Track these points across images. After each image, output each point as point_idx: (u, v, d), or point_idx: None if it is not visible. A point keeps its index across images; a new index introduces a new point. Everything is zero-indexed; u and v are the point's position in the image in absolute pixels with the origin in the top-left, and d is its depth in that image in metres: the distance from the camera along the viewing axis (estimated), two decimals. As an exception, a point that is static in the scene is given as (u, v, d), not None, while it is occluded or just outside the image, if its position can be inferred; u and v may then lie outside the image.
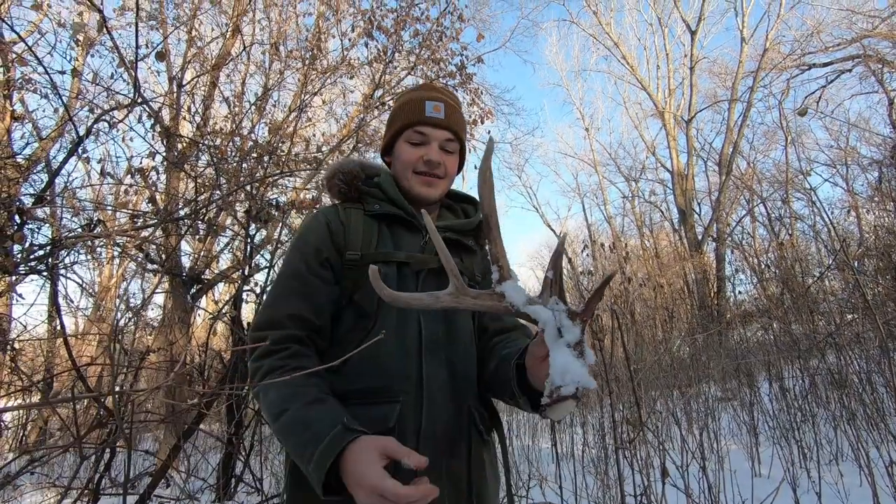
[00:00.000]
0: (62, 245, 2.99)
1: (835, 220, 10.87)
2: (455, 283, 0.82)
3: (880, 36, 12.27)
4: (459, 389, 1.06)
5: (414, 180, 1.17)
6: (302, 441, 0.86)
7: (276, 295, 1.08)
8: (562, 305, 0.78)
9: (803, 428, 3.51)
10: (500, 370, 1.03)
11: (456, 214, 1.27)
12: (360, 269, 1.07)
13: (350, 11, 5.56)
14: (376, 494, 0.75)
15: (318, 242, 1.09)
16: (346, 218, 1.14)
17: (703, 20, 15.60)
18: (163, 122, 6.12)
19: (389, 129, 1.24)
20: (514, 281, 0.82)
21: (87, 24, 3.79)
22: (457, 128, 1.20)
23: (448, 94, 1.25)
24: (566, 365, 0.73)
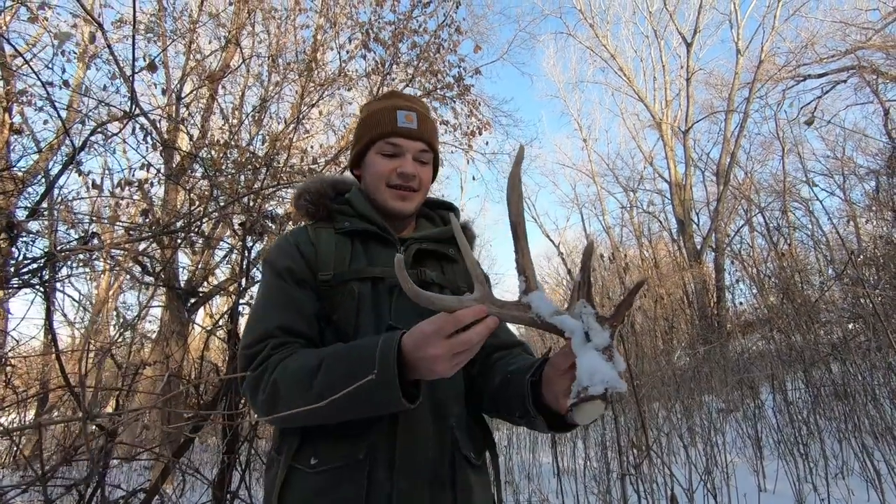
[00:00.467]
0: (56, 258, 2.96)
1: (833, 229, 10.87)
2: (481, 290, 0.79)
3: (874, 47, 12.39)
4: (442, 413, 1.00)
5: (388, 194, 1.12)
6: (353, 362, 0.82)
7: (261, 312, 1.02)
8: (590, 309, 0.75)
9: (808, 441, 3.45)
10: (510, 386, 0.97)
11: (434, 223, 1.23)
12: (335, 289, 1.03)
13: (348, 24, 5.59)
14: (442, 333, 0.74)
15: (291, 264, 1.05)
16: (315, 238, 1.09)
17: (698, 32, 15.76)
18: (161, 134, 6.13)
19: (359, 141, 1.18)
20: (540, 292, 0.79)
21: (73, 34, 3.79)
22: (430, 138, 1.16)
23: (418, 103, 1.22)
24: (594, 366, 0.70)
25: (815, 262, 10.96)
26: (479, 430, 1.08)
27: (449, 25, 5.63)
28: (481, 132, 6.67)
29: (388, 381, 0.78)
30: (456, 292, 1.12)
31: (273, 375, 0.90)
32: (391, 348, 0.80)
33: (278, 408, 0.87)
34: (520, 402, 0.92)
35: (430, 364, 0.77)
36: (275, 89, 5.72)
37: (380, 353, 0.80)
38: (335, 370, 0.84)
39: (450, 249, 1.17)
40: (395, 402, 0.80)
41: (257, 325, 1.00)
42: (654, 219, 18.03)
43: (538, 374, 0.91)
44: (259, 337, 0.97)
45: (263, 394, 0.91)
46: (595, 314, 0.74)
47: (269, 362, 0.93)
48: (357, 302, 1.01)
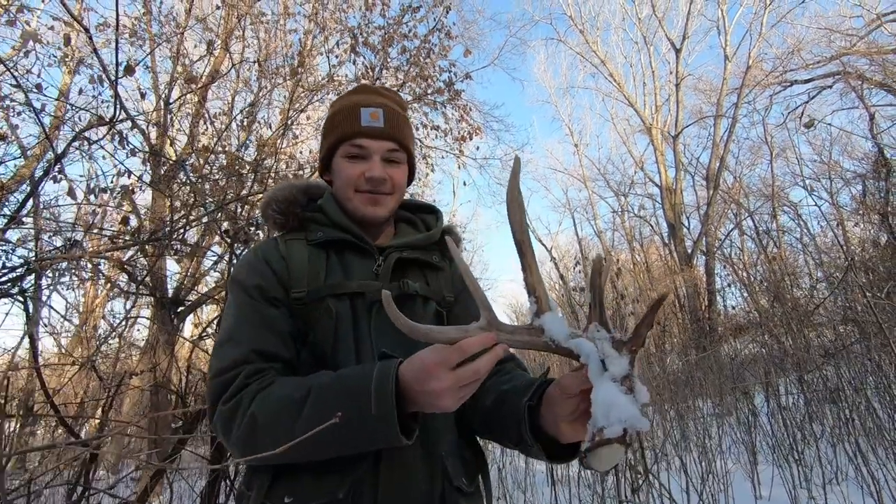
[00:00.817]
0: (35, 267, 2.88)
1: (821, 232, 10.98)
2: (487, 317, 0.71)
3: (859, 53, 12.59)
4: (431, 441, 0.91)
5: (357, 200, 1.03)
6: (345, 394, 0.75)
7: (232, 335, 0.91)
8: (604, 333, 0.67)
9: (802, 446, 3.44)
10: (504, 409, 0.89)
11: (416, 228, 1.14)
12: (310, 307, 0.94)
13: (337, 28, 5.56)
14: (447, 364, 0.68)
15: (260, 281, 0.95)
16: (286, 251, 1.00)
17: (687, 39, 15.93)
18: (149, 139, 6.04)
19: (324, 145, 1.09)
20: (553, 313, 0.71)
21: (38, 32, 3.69)
22: (400, 136, 1.05)
23: (388, 96, 1.11)
24: (611, 401, 0.62)
25: (805, 265, 11.06)
26: (472, 454, 1.00)
27: (439, 30, 5.62)
28: (472, 137, 6.66)
29: (384, 415, 0.72)
30: (441, 303, 1.05)
31: (251, 408, 0.80)
32: (388, 380, 0.73)
33: (257, 445, 0.77)
34: (515, 428, 0.84)
35: (434, 399, 0.70)
36: (264, 94, 5.67)
37: (376, 384, 0.73)
38: (325, 403, 0.76)
39: (433, 256, 1.08)
40: (392, 438, 0.73)
41: (228, 350, 0.89)
42: (646, 223, 18.13)
43: (536, 397, 0.83)
44: (231, 363, 0.87)
45: (239, 429, 0.80)
46: (611, 338, 0.67)
47: (245, 393, 0.83)
48: (335, 321, 0.92)
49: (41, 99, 2.92)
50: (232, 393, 0.83)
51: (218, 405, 0.84)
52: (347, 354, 0.91)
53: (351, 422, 0.73)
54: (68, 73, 6.94)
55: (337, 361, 0.91)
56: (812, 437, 3.53)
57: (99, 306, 11.21)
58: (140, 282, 4.07)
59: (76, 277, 3.21)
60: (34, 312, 4.46)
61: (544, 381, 0.85)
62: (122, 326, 4.69)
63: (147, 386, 6.06)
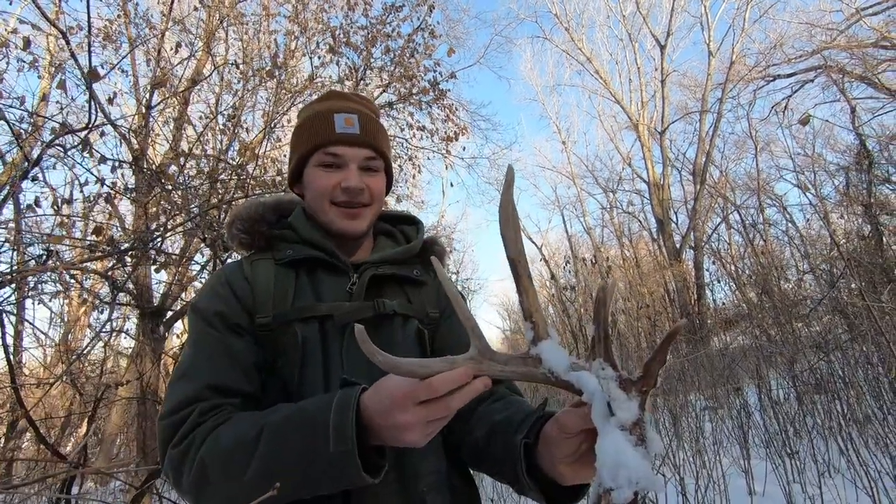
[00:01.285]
0: (10, 280, 2.78)
1: (806, 224, 11.11)
2: (477, 346, 0.64)
3: (839, 47, 12.75)
4: (409, 475, 0.83)
5: (333, 213, 0.95)
6: (301, 431, 0.68)
7: (186, 369, 0.84)
8: (610, 371, 0.58)
9: (794, 441, 3.44)
10: (497, 444, 0.81)
11: (395, 240, 1.07)
12: (276, 332, 0.87)
13: (319, 28, 5.47)
14: (414, 398, 0.61)
15: (222, 308, 0.88)
16: (251, 274, 0.92)
17: (671, 35, 16.03)
18: (130, 145, 5.91)
19: (295, 153, 1.01)
20: (552, 341, 0.64)
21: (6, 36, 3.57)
22: (377, 143, 0.99)
23: (362, 102, 1.05)
24: (619, 457, 0.53)
25: (791, 257, 11.18)
26: (462, 483, 0.91)
27: (423, 29, 5.56)
28: (458, 137, 6.61)
29: (345, 452, 0.64)
30: (424, 321, 0.98)
31: (200, 452, 0.72)
32: (348, 411, 0.66)
33: (208, 491, 0.70)
34: (510, 466, 0.76)
35: (399, 433, 0.63)
36: (248, 96, 5.57)
37: (335, 417, 0.66)
38: (278, 442, 0.68)
39: (414, 270, 1.00)
40: (354, 478, 0.66)
41: (181, 387, 0.81)
42: (634, 219, 18.24)
43: (533, 434, 0.74)
44: (183, 400, 0.79)
45: (189, 475, 0.72)
46: (618, 378, 0.57)
47: (196, 434, 0.74)
48: (301, 347, 0.85)
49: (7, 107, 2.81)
50: (182, 435, 0.76)
51: (168, 449, 0.76)
52: (315, 383, 0.84)
53: (309, 459, 0.66)
54: (47, 77, 6.79)
55: (304, 391, 0.83)
56: (805, 431, 3.54)
57: (84, 316, 11.01)
58: (118, 291, 3.97)
59: (53, 288, 3.12)
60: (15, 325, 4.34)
61: (542, 416, 0.77)
62: (104, 337, 4.57)
63: (133, 395, 5.95)
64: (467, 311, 0.66)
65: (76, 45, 4.98)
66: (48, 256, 3.00)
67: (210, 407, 0.78)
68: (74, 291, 8.85)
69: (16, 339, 4.21)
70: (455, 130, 6.53)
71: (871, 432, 3.10)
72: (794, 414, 3.72)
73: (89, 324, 10.81)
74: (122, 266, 2.93)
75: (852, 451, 2.68)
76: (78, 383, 3.38)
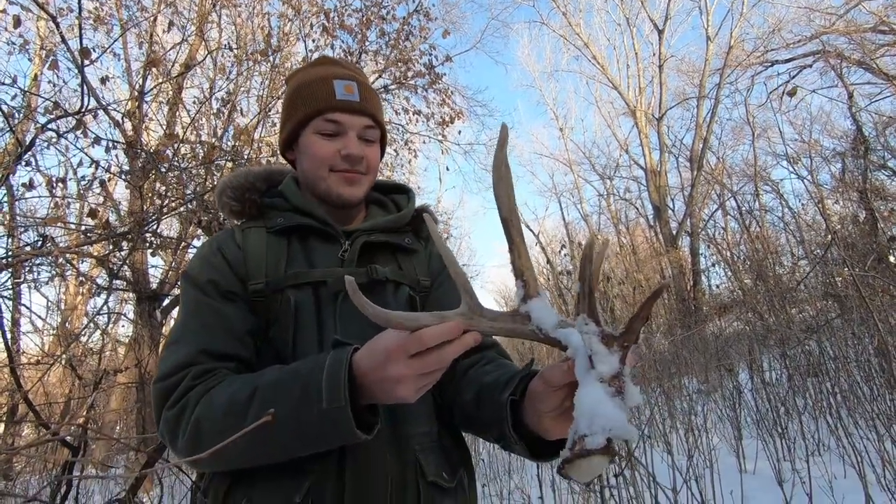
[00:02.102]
0: (5, 265, 2.78)
1: (802, 210, 11.15)
2: (468, 303, 0.65)
3: (838, 32, 12.68)
4: (402, 436, 0.85)
5: (332, 179, 0.95)
6: (294, 389, 0.69)
7: (179, 335, 0.85)
8: (593, 326, 0.59)
9: (785, 420, 3.50)
10: (485, 405, 0.83)
11: (387, 209, 1.08)
12: (270, 299, 0.88)
13: (313, 11, 5.41)
14: (406, 351, 0.62)
15: (215, 275, 0.88)
16: (242, 241, 0.93)
17: (669, 19, 15.89)
18: (124, 131, 5.87)
19: (290, 119, 0.99)
20: (541, 299, 0.65)
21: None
22: (375, 111, 0.98)
23: (357, 70, 1.04)
24: (596, 406, 0.55)
25: (787, 243, 11.23)
26: (452, 445, 0.93)
27: (419, 12, 5.50)
28: (454, 121, 6.57)
29: (338, 409, 0.66)
30: (415, 288, 0.99)
31: (195, 413, 0.74)
32: (341, 369, 0.67)
33: (203, 450, 0.70)
34: (497, 424, 0.78)
35: (391, 387, 0.64)
36: (242, 80, 5.52)
37: (327, 375, 0.67)
38: (272, 400, 0.69)
39: (405, 238, 1.02)
40: (348, 434, 0.67)
41: (174, 351, 0.82)
42: (631, 205, 18.27)
43: (519, 391, 0.76)
44: (176, 365, 0.80)
45: (184, 436, 0.74)
46: (600, 332, 0.59)
47: (190, 396, 0.76)
48: (294, 313, 0.86)
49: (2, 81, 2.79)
50: (177, 397, 0.77)
51: (162, 411, 0.77)
52: (309, 347, 0.85)
53: (301, 418, 0.67)
54: (38, 61, 6.71)
55: (298, 356, 0.84)
56: (795, 410, 3.60)
57: (81, 303, 11.01)
58: (114, 276, 3.97)
59: (49, 274, 3.12)
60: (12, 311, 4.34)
61: (528, 374, 0.78)
62: (102, 323, 4.59)
63: (132, 382, 5.99)
64: (459, 268, 0.67)
65: (66, 27, 4.92)
66: (43, 241, 3.00)
67: (203, 371, 0.79)
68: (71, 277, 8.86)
69: (13, 325, 4.22)
70: (451, 115, 6.51)
71: (861, 410, 3.15)
72: (785, 394, 3.78)
73: (86, 311, 10.84)
74: (118, 250, 2.94)
75: (841, 428, 2.74)
76: (76, 366, 3.40)
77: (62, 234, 5.20)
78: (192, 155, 3.44)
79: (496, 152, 0.67)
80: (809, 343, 4.11)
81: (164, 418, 0.77)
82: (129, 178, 3.33)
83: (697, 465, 2.40)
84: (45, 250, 2.63)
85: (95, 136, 2.78)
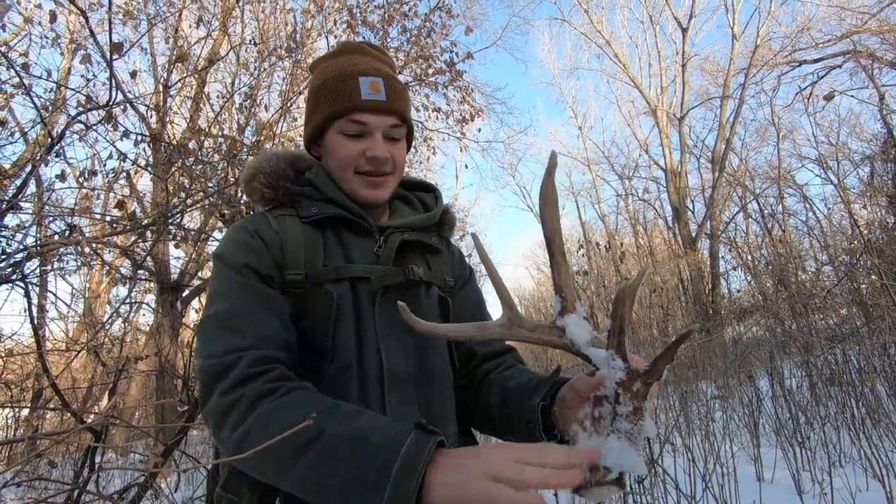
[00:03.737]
0: (34, 253, 2.86)
1: (826, 215, 10.88)
2: (508, 314, 0.71)
3: (870, 32, 12.31)
4: None
5: (356, 182, 0.93)
6: (359, 465, 0.61)
7: (225, 316, 0.80)
8: (620, 363, 0.65)
9: (806, 430, 3.43)
10: (512, 408, 0.85)
11: (413, 207, 1.06)
12: (306, 291, 0.86)
13: (336, 7, 5.43)
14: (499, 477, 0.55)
15: (252, 258, 0.85)
16: (280, 228, 0.90)
17: (694, 17, 15.60)
18: (149, 124, 5.98)
19: (314, 117, 0.97)
20: (577, 315, 0.71)
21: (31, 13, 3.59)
22: (401, 108, 0.95)
23: (383, 59, 1.01)
24: (614, 443, 0.62)
25: (810, 248, 10.97)
26: (470, 444, 0.97)
27: (440, 9, 5.49)
28: (473, 119, 6.55)
29: None
30: (442, 287, 1.00)
31: (247, 422, 0.70)
32: (415, 471, 0.58)
33: (246, 460, 0.66)
34: (524, 427, 0.82)
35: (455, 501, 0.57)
36: (263, 77, 5.58)
37: (397, 471, 0.59)
38: (331, 460, 0.63)
39: (433, 238, 1.02)
40: None
41: (224, 330, 0.78)
42: (650, 206, 18.02)
43: (549, 397, 0.80)
44: (229, 346, 0.76)
45: (232, 433, 0.71)
46: (626, 369, 0.64)
47: (246, 391, 0.72)
48: (336, 306, 0.84)
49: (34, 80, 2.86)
50: (232, 383, 0.73)
51: (215, 393, 0.73)
52: (347, 343, 0.85)
53: (354, 494, 0.61)
54: (68, 55, 6.87)
55: (335, 350, 0.84)
56: (817, 420, 3.52)
57: (104, 292, 11.27)
58: (138, 266, 4.05)
59: (76, 263, 3.20)
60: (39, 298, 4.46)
61: (556, 381, 0.82)
62: (125, 311, 4.69)
63: (152, 370, 6.11)
64: (500, 280, 0.72)
65: (95, 22, 5.03)
66: (71, 231, 3.08)
67: (258, 358, 0.75)
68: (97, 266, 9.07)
69: (40, 312, 4.34)
70: (470, 112, 6.49)
71: (887, 422, 3.07)
72: (807, 403, 3.70)
73: (109, 300, 11.09)
74: (143, 241, 3.00)
75: (864, 438, 2.67)
76: (101, 353, 3.49)
77: (88, 223, 5.34)
78: (216, 148, 3.50)
79: (545, 177, 0.74)
80: (833, 352, 4.02)
81: (216, 403, 0.73)
82: (155, 170, 3.39)
83: (716, 473, 2.37)
84: (73, 239, 2.70)
85: (125, 130, 2.84)
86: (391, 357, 0.85)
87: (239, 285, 0.83)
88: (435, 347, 0.93)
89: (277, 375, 0.75)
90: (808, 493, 2.59)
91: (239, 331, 0.78)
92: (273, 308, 0.82)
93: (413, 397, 0.85)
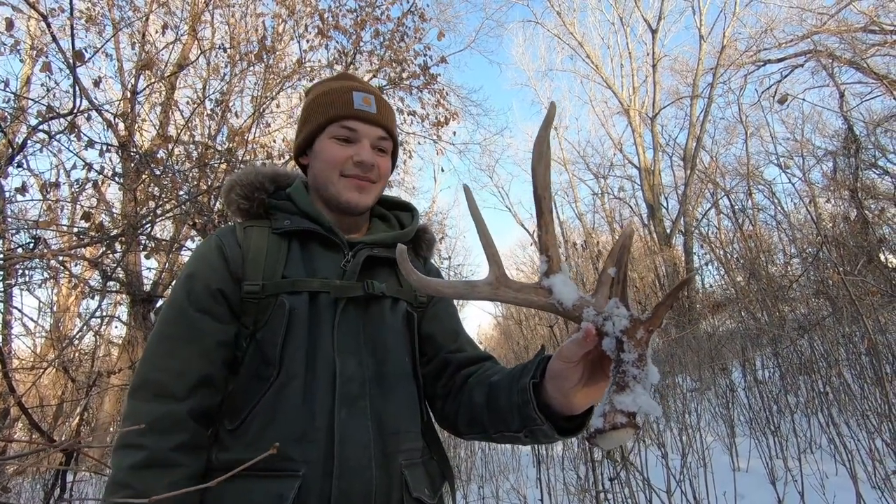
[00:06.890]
0: (3, 266, 2.76)
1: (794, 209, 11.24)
2: (495, 272, 0.69)
3: (829, 32, 12.77)
4: (390, 447, 0.87)
5: (342, 184, 0.97)
6: None
7: (156, 345, 0.87)
8: (624, 311, 0.65)
9: (778, 419, 3.54)
10: (500, 399, 0.85)
11: (390, 225, 1.10)
12: (263, 302, 0.89)
13: (307, 11, 5.39)
14: None
15: (208, 274, 0.91)
16: (244, 240, 0.94)
17: (662, 19, 15.96)
18: (116, 131, 5.82)
19: (307, 125, 1.02)
20: (563, 274, 0.69)
21: None
22: (389, 124, 1.02)
23: (375, 89, 1.09)
24: None
25: (779, 241, 11.31)
26: (438, 460, 0.97)
27: (413, 13, 5.50)
28: (449, 122, 6.58)
29: None
30: (412, 303, 1.01)
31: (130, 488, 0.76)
32: None
33: None
34: (516, 412, 0.80)
35: None
36: (235, 81, 5.49)
37: None
38: None
39: None
40: None
41: (151, 364, 0.86)
42: (625, 204, 18.33)
43: (539, 374, 0.79)
44: (149, 383, 0.84)
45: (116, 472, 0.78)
46: (630, 317, 0.64)
47: (143, 449, 0.79)
48: (287, 318, 0.87)
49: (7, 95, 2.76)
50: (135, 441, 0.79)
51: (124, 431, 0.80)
52: (296, 354, 0.86)
53: None
54: (29, 62, 6.64)
55: (282, 361, 0.86)
56: (787, 409, 3.63)
57: (74, 305, 10.90)
58: (108, 278, 3.94)
59: (42, 276, 3.10)
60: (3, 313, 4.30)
61: (543, 358, 0.82)
62: (96, 324, 4.55)
63: (126, 384, 5.95)
64: (489, 237, 0.71)
65: (58, 28, 4.87)
66: (36, 243, 2.98)
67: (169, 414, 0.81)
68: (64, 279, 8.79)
69: (4, 328, 4.19)
70: (446, 115, 6.50)
71: (851, 408, 3.19)
72: (778, 392, 3.82)
73: (79, 313, 10.73)
74: (112, 252, 2.92)
75: (832, 427, 2.77)
76: (70, 369, 3.38)
77: (54, 236, 5.16)
78: (186, 156, 3.43)
79: (540, 131, 0.70)
80: (801, 342, 4.15)
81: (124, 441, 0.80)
82: (123, 180, 3.31)
83: (691, 465, 2.43)
84: (38, 253, 2.61)
85: (89, 140, 2.76)
86: (346, 371, 0.86)
87: (176, 313, 0.89)
88: (397, 363, 0.93)
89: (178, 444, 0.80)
90: (781, 481, 2.67)
91: (162, 362, 0.85)
92: (202, 339, 0.87)
93: (367, 412, 0.86)
